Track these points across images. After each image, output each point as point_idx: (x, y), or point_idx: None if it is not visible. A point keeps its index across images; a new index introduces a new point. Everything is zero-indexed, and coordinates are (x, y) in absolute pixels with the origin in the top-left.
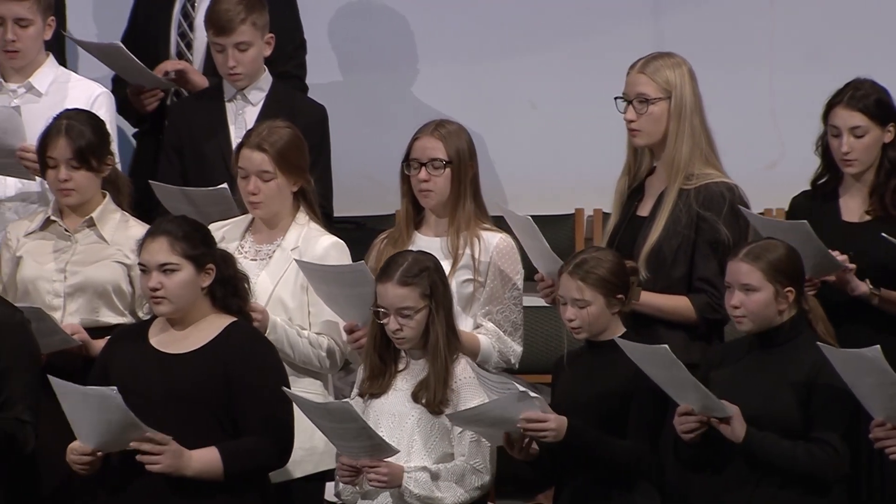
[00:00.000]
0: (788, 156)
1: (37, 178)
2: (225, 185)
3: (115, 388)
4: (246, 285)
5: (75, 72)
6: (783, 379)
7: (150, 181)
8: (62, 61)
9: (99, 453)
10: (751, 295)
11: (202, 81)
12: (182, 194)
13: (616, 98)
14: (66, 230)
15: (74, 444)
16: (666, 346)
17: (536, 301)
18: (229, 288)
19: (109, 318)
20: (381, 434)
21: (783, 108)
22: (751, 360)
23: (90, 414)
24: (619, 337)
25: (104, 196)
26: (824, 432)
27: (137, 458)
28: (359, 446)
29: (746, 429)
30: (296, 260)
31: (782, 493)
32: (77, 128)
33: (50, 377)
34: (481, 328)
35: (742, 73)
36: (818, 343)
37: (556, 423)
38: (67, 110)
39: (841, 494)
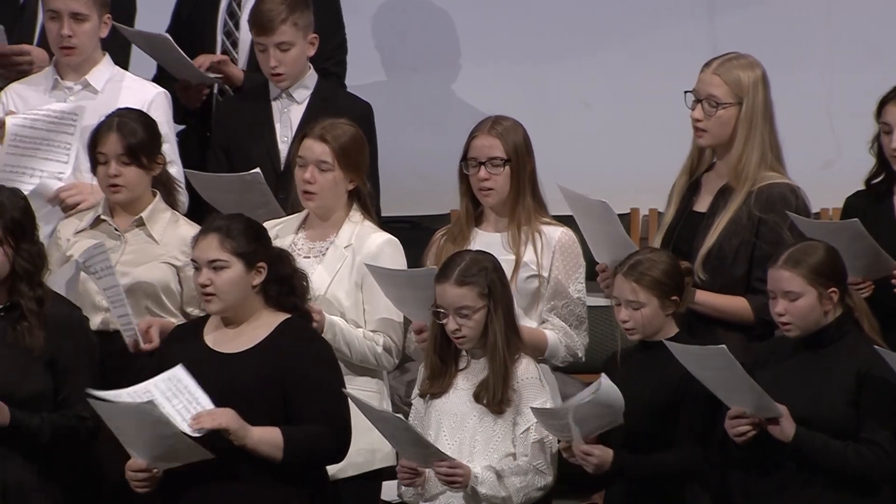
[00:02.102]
0: (845, 155)
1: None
2: (258, 170)
3: (151, 400)
4: (304, 283)
5: (141, 71)
6: (831, 379)
7: (185, 170)
8: (126, 61)
9: (155, 470)
10: (795, 301)
11: (238, 74)
12: (217, 181)
13: (686, 92)
14: (116, 229)
15: (131, 462)
16: (724, 346)
17: (592, 300)
18: (285, 286)
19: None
20: (443, 434)
21: (839, 108)
22: (797, 360)
23: (135, 429)
24: (672, 338)
25: (154, 195)
26: (874, 432)
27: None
28: (415, 452)
29: (796, 428)
30: (367, 265)
31: (828, 493)
32: (129, 125)
33: (90, 399)
34: (547, 323)
35: (798, 72)
36: (875, 347)
37: (599, 459)
38: (120, 109)
39: (891, 495)
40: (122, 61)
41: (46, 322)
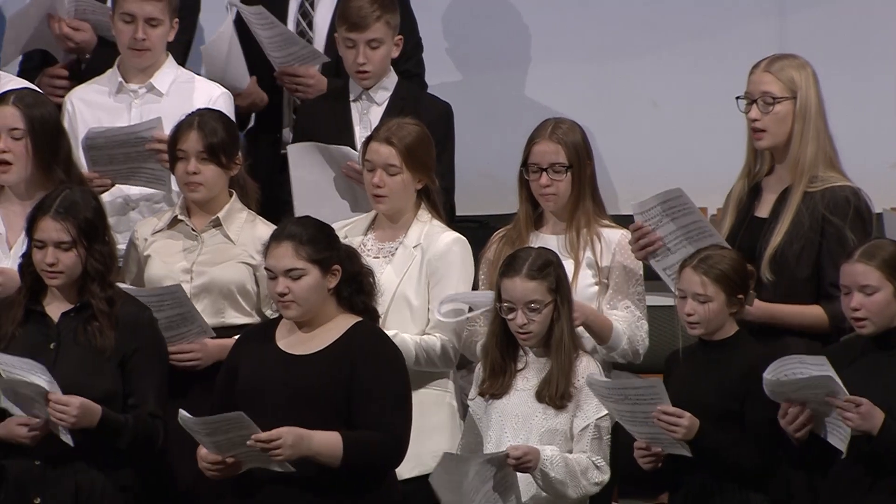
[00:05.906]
0: None
1: (162, 186)
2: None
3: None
4: (371, 280)
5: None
6: None
7: (289, 145)
8: (182, 63)
9: (229, 459)
10: (871, 296)
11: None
12: (317, 151)
13: (737, 98)
14: (193, 230)
15: (202, 451)
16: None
17: (653, 300)
18: (354, 285)
19: (235, 318)
20: (505, 436)
21: None
22: (866, 361)
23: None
24: (731, 337)
25: (231, 195)
26: None
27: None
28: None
29: (884, 420)
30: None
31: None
32: (210, 123)
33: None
34: (614, 314)
35: (867, 71)
36: None
37: (689, 422)
38: (200, 108)
39: None
40: (181, 60)
41: (117, 322)
